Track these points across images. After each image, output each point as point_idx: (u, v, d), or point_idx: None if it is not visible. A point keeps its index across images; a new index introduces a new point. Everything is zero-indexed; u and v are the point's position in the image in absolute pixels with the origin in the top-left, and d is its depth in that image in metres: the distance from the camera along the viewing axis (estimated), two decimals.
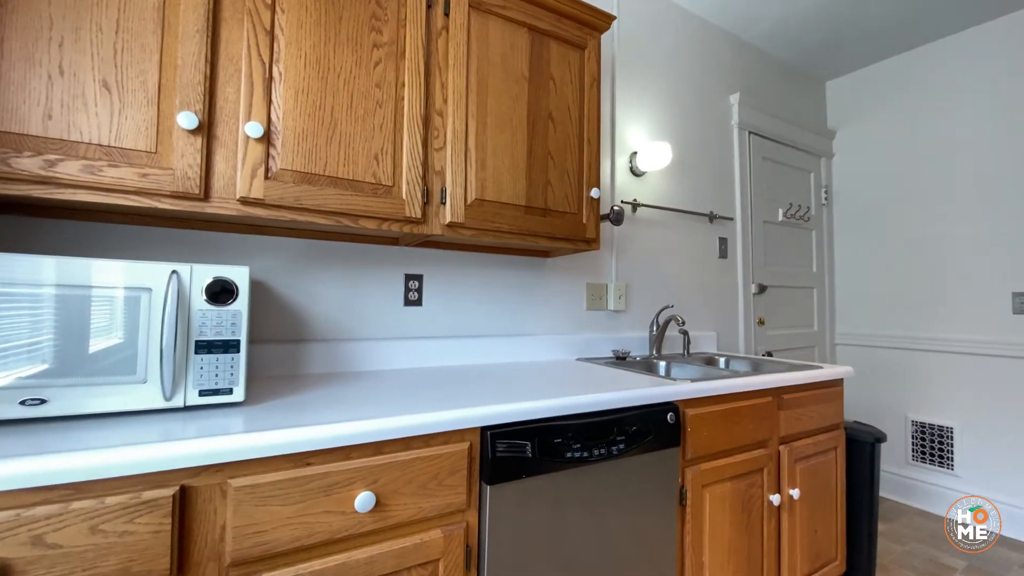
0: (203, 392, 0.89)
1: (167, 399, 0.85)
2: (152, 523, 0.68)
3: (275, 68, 1.07)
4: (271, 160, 1.06)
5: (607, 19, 1.61)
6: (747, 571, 1.44)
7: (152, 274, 0.86)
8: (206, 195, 1.00)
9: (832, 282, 3.10)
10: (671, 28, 2.36)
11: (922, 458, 2.64)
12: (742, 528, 1.42)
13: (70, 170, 0.88)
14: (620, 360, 1.87)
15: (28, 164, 0.85)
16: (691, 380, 1.36)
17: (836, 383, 1.75)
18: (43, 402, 0.77)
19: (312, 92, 1.11)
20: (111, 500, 0.67)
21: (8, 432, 0.73)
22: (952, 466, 2.52)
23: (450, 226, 1.30)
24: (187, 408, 0.91)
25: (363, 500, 0.83)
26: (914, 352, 2.71)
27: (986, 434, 2.42)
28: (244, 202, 1.03)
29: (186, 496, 0.72)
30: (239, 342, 0.93)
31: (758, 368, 1.79)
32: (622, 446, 1.15)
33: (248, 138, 1.03)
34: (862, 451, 1.80)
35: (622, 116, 2.14)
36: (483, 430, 0.99)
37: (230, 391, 0.92)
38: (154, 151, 0.94)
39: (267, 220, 1.12)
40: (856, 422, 1.91)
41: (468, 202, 1.32)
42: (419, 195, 1.24)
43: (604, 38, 2.05)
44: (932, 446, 2.61)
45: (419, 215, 1.24)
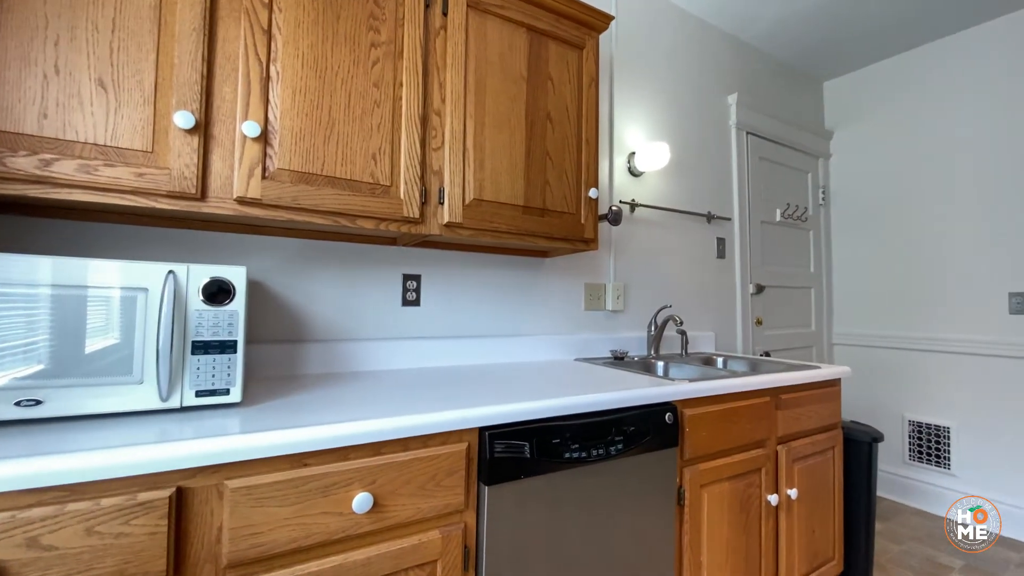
0: (200, 393, 0.89)
1: (163, 400, 0.85)
2: (148, 525, 0.68)
3: (272, 67, 1.07)
4: (268, 160, 1.06)
5: (605, 19, 1.61)
6: (745, 571, 1.44)
7: (148, 274, 0.85)
8: (203, 195, 0.99)
9: (830, 282, 3.11)
10: (669, 28, 2.36)
11: (919, 458, 2.65)
12: (740, 528, 1.43)
13: (66, 169, 0.87)
14: (618, 360, 1.87)
15: (23, 163, 0.85)
16: (689, 380, 1.36)
17: (834, 383, 1.75)
18: (38, 403, 0.77)
19: (310, 91, 1.11)
20: (107, 502, 0.66)
21: (3, 433, 0.73)
22: (949, 466, 2.53)
23: (448, 226, 1.30)
24: (184, 409, 0.90)
25: (361, 501, 0.83)
26: (911, 352, 2.72)
27: (983, 434, 2.43)
28: (241, 202, 1.03)
29: (182, 497, 0.72)
30: (236, 342, 0.92)
31: (756, 368, 1.80)
32: (620, 446, 1.15)
33: (245, 138, 1.02)
34: (859, 451, 1.80)
35: (620, 116, 2.14)
36: (481, 431, 0.99)
37: (227, 392, 0.91)
38: (150, 151, 0.94)
39: (264, 220, 1.12)
40: (853, 422, 1.91)
41: (466, 202, 1.32)
42: (417, 195, 1.24)
43: (602, 38, 2.05)
44: (929, 446, 2.62)
45: (417, 215, 1.24)
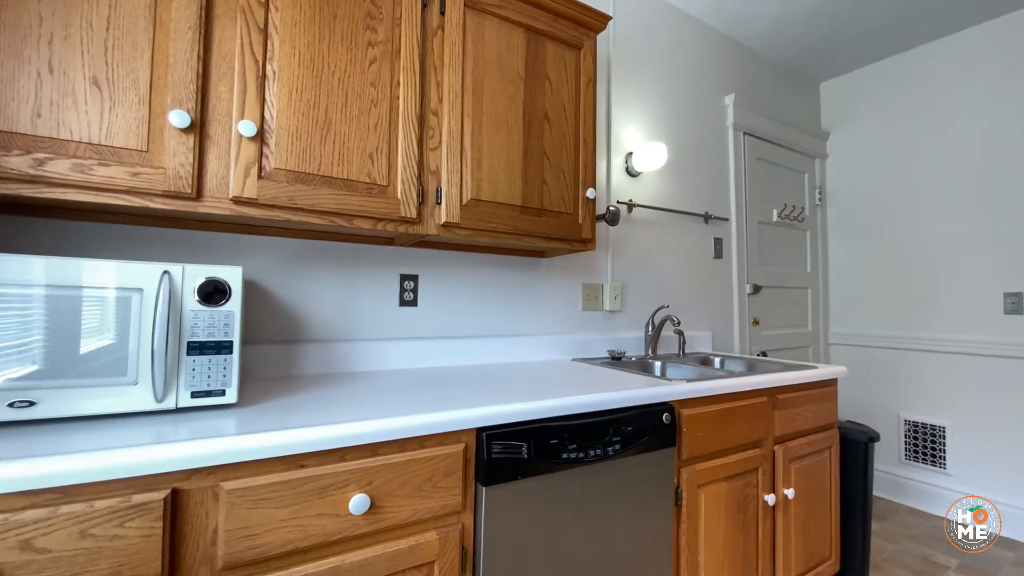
0: (195, 394, 0.88)
1: (158, 401, 0.84)
2: (143, 527, 0.68)
3: (269, 66, 1.06)
4: (264, 159, 1.05)
5: (603, 19, 1.61)
6: (742, 571, 1.44)
7: (143, 274, 0.85)
8: (198, 194, 0.99)
9: (826, 282, 3.12)
10: (667, 29, 2.36)
11: (915, 457, 2.66)
12: (737, 528, 1.43)
13: (60, 169, 0.87)
14: (616, 360, 1.87)
15: (17, 163, 0.84)
16: (686, 380, 1.36)
17: (830, 383, 1.76)
18: (32, 404, 0.76)
19: (306, 91, 1.10)
20: (101, 504, 0.66)
21: None
22: (944, 465, 2.54)
23: (445, 226, 1.30)
24: (179, 410, 0.89)
25: (357, 502, 0.82)
26: (907, 352, 2.73)
27: (978, 433, 2.44)
28: (237, 202, 1.02)
29: (177, 499, 0.71)
30: (232, 343, 0.92)
31: (753, 368, 1.80)
32: (618, 447, 1.15)
33: (241, 137, 1.02)
34: (856, 450, 1.81)
35: (618, 116, 2.14)
36: (479, 431, 0.98)
37: (223, 392, 0.91)
38: (145, 150, 0.93)
39: (261, 220, 1.11)
40: (850, 421, 1.92)
41: (464, 202, 1.32)
42: (414, 195, 1.23)
43: (600, 38, 2.05)
44: (925, 445, 2.63)
45: (414, 215, 1.23)
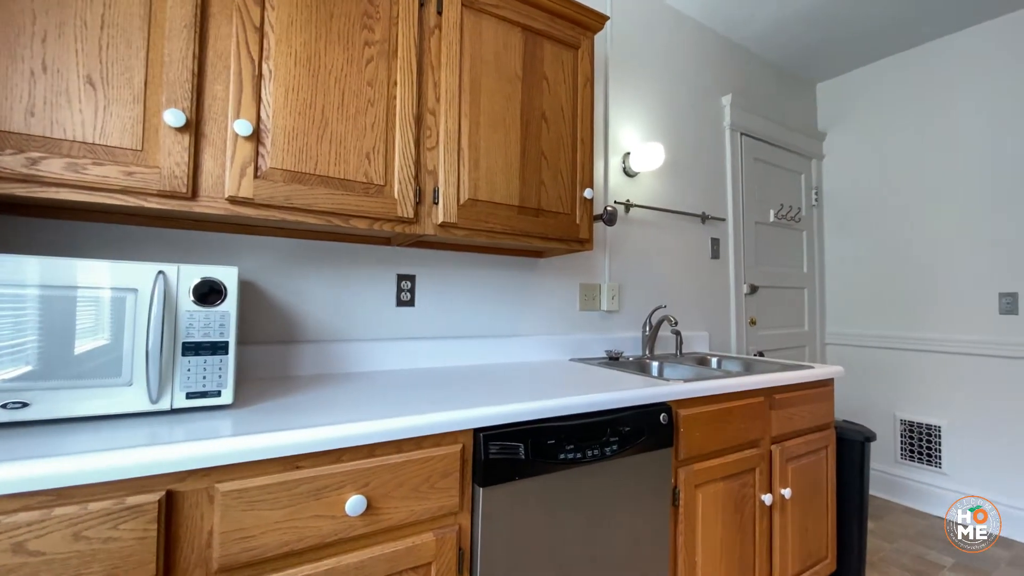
0: (190, 395, 0.88)
1: (153, 402, 0.84)
2: (137, 529, 0.67)
3: (265, 65, 1.06)
4: (260, 159, 1.04)
5: (600, 19, 1.61)
6: (739, 570, 1.44)
7: (138, 274, 0.84)
8: (194, 194, 0.98)
9: (822, 282, 3.13)
10: (664, 29, 2.36)
11: (910, 456, 2.67)
12: (734, 528, 1.43)
13: (53, 168, 0.86)
14: (613, 360, 1.87)
15: (10, 162, 0.83)
16: (684, 380, 1.36)
17: (827, 383, 1.76)
18: (25, 405, 0.76)
19: (303, 90, 1.09)
20: (94, 506, 0.65)
21: None
22: (940, 464, 2.55)
23: (443, 226, 1.30)
24: (174, 411, 0.89)
25: (354, 504, 0.82)
26: (903, 352, 2.74)
27: (973, 432, 2.45)
28: (233, 201, 1.02)
29: (172, 501, 0.71)
30: (227, 343, 0.91)
31: (750, 368, 1.80)
32: (615, 447, 1.15)
33: (237, 136, 1.01)
34: (852, 450, 1.82)
35: (615, 116, 2.14)
36: (476, 432, 0.98)
37: (218, 393, 0.90)
38: (140, 149, 0.93)
39: (257, 220, 1.11)
40: (846, 421, 1.93)
41: (461, 202, 1.31)
42: (411, 195, 1.23)
43: (597, 38, 2.05)
44: (920, 444, 2.64)
45: (411, 215, 1.23)
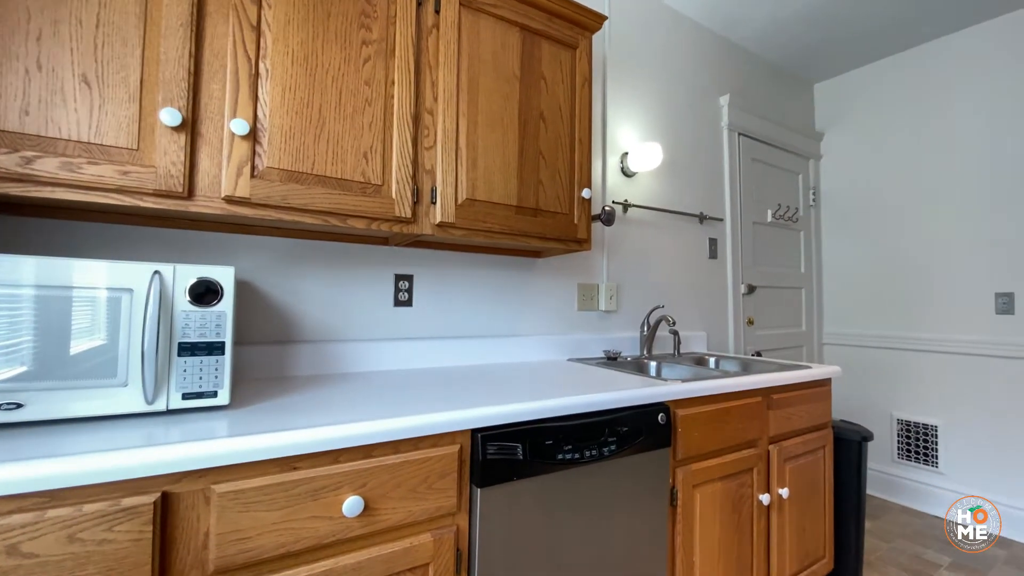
0: (186, 395, 0.87)
1: (149, 403, 0.83)
2: (132, 531, 0.66)
3: (262, 64, 1.05)
4: (257, 158, 1.04)
5: (598, 19, 1.60)
6: (737, 570, 1.44)
7: (133, 274, 0.84)
8: (190, 193, 0.98)
9: (820, 282, 3.14)
10: (662, 29, 2.36)
11: (907, 456, 2.68)
12: (732, 528, 1.43)
13: (48, 167, 0.85)
14: (611, 360, 1.87)
15: (4, 161, 0.82)
16: (682, 380, 1.36)
17: (824, 383, 1.76)
18: (19, 406, 0.75)
19: (300, 89, 1.09)
20: (89, 508, 0.65)
21: None
22: (936, 463, 2.56)
23: (440, 226, 1.29)
24: (170, 412, 0.88)
25: (351, 505, 0.82)
26: (900, 351, 2.74)
27: (970, 432, 2.46)
28: (229, 201, 1.01)
29: (168, 503, 0.70)
30: (224, 344, 0.91)
31: (748, 368, 1.80)
32: (613, 447, 1.15)
33: (234, 136, 1.00)
34: (849, 450, 1.82)
35: (613, 116, 2.14)
36: (473, 432, 0.98)
37: (215, 394, 0.90)
38: (136, 148, 0.92)
39: (253, 219, 1.10)
40: (843, 421, 1.93)
41: (459, 202, 1.31)
42: (409, 194, 1.22)
43: (595, 38, 2.05)
44: (917, 444, 2.65)
45: (409, 215, 1.23)
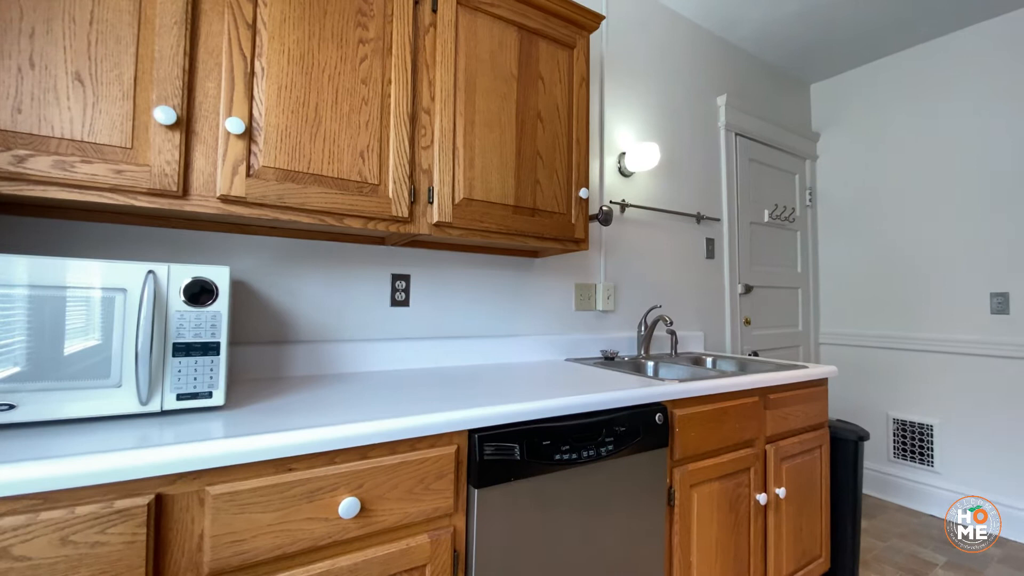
0: (181, 396, 0.87)
1: (143, 403, 0.83)
2: (126, 533, 0.66)
3: (257, 63, 1.04)
4: (253, 157, 1.03)
5: (596, 19, 1.60)
6: (734, 570, 1.44)
7: (127, 274, 0.83)
8: (185, 193, 0.97)
9: (816, 282, 3.14)
10: (659, 29, 2.36)
11: (903, 455, 2.69)
12: (729, 527, 1.43)
13: (41, 166, 0.84)
14: (609, 360, 1.87)
15: None
16: (679, 380, 1.36)
17: (821, 382, 1.77)
18: (11, 407, 0.74)
19: (296, 88, 1.08)
20: (82, 510, 0.64)
21: None
22: (932, 463, 2.57)
23: (438, 226, 1.29)
24: (164, 413, 0.88)
25: (347, 506, 0.81)
26: (896, 351, 2.75)
27: (965, 431, 2.47)
28: (225, 200, 1.01)
29: (162, 505, 0.70)
30: (219, 344, 0.90)
31: (745, 368, 1.81)
32: (611, 447, 1.15)
33: (229, 134, 1.00)
34: (846, 449, 1.82)
35: (611, 116, 2.14)
36: (471, 433, 0.98)
37: (209, 395, 0.89)
38: (129, 147, 0.91)
39: (249, 219, 1.10)
40: (840, 420, 1.93)
41: (456, 201, 1.31)
42: (406, 194, 1.22)
43: (593, 38, 2.05)
44: (913, 443, 2.66)
45: (406, 214, 1.22)
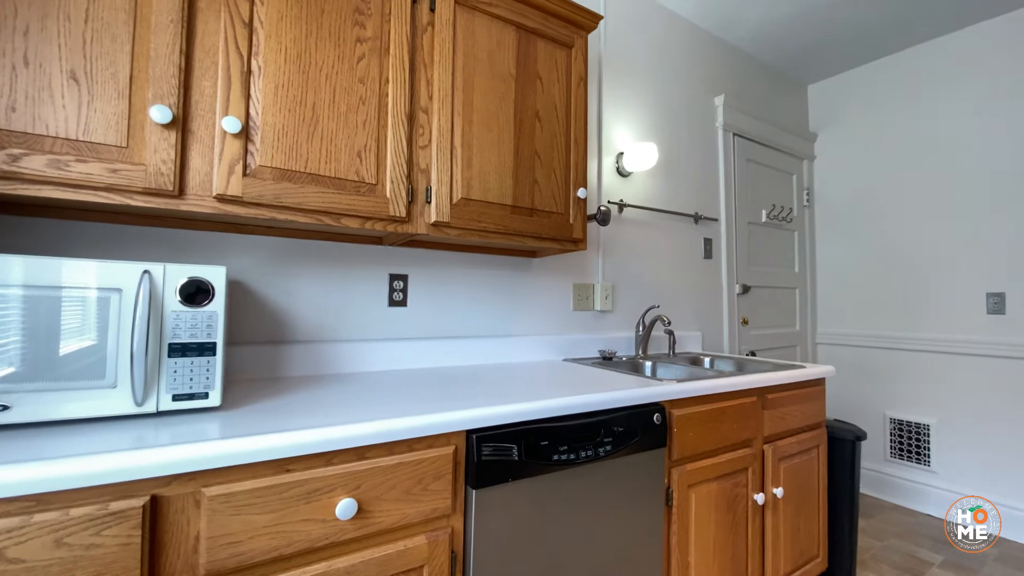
0: (177, 397, 0.86)
1: (138, 404, 0.82)
2: (120, 535, 0.65)
3: (254, 62, 1.04)
4: (249, 156, 1.03)
5: (594, 18, 1.60)
6: (732, 570, 1.44)
7: (122, 274, 0.82)
8: (181, 192, 0.96)
9: (814, 282, 3.15)
10: (657, 29, 2.36)
11: (899, 455, 2.70)
12: (727, 527, 1.43)
13: (35, 165, 0.84)
14: (607, 360, 1.87)
15: None
16: (677, 380, 1.36)
17: (818, 382, 1.77)
18: (5, 408, 0.74)
19: (293, 87, 1.08)
20: (77, 512, 0.63)
21: None
22: (928, 462, 2.58)
23: (435, 225, 1.28)
24: (160, 414, 0.87)
25: (344, 507, 0.81)
26: (893, 351, 2.76)
27: (961, 431, 2.48)
28: (221, 199, 1.00)
29: (157, 506, 0.69)
30: (215, 344, 0.90)
31: (742, 368, 1.81)
32: (609, 447, 1.15)
33: (225, 133, 0.99)
34: (843, 449, 1.83)
35: (609, 116, 2.14)
36: (468, 433, 0.97)
37: (206, 395, 0.89)
38: (125, 146, 0.90)
39: (245, 218, 1.09)
40: (837, 420, 1.94)
41: (454, 201, 1.30)
42: (404, 194, 1.22)
43: (591, 37, 2.04)
44: (910, 443, 2.66)
45: (404, 214, 1.22)
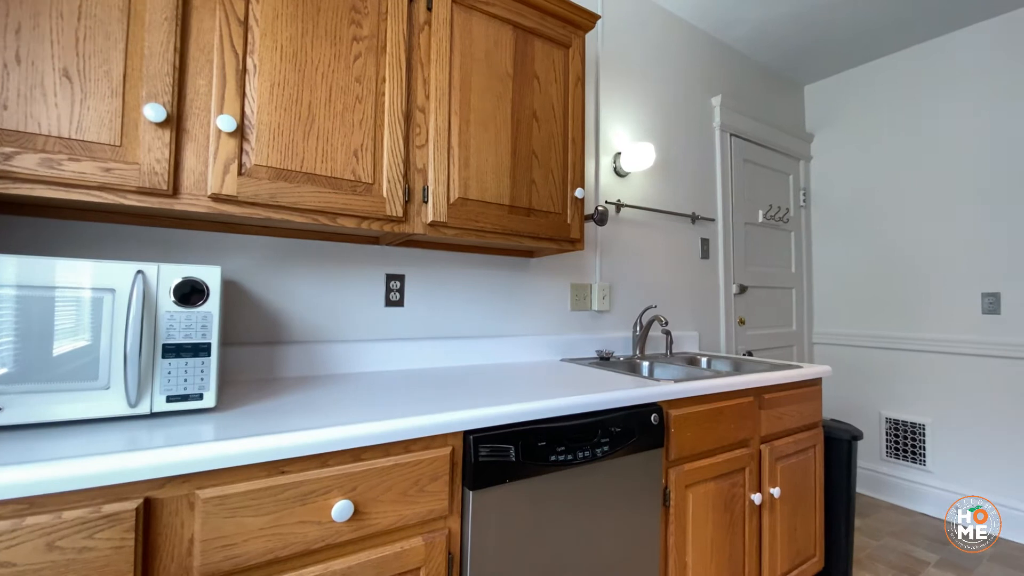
0: (171, 398, 0.85)
1: (132, 406, 0.81)
2: (113, 538, 0.65)
3: (249, 60, 1.03)
4: (245, 155, 1.02)
5: (592, 18, 1.60)
6: (729, 570, 1.44)
7: (116, 274, 0.81)
8: (175, 191, 0.95)
9: (810, 282, 3.16)
10: (655, 29, 2.36)
11: (895, 454, 2.71)
12: (724, 527, 1.43)
13: (27, 164, 0.83)
14: (604, 360, 1.87)
15: None
16: (674, 381, 1.36)
17: (815, 382, 1.77)
18: None
19: (288, 85, 1.07)
20: (69, 514, 0.63)
21: None
22: (924, 462, 2.59)
23: (432, 225, 1.28)
24: (154, 415, 0.86)
25: (340, 509, 0.80)
26: (889, 351, 2.77)
27: (957, 430, 2.49)
28: (216, 199, 0.99)
29: (150, 509, 0.68)
30: (210, 345, 0.89)
31: (739, 368, 1.81)
32: (606, 448, 1.15)
33: (220, 132, 0.98)
34: (840, 449, 1.83)
35: (606, 116, 2.14)
36: (466, 434, 0.97)
37: (200, 397, 0.88)
38: (118, 144, 0.90)
39: (241, 218, 1.08)
40: (833, 420, 1.94)
41: (451, 201, 1.30)
42: (400, 193, 1.21)
43: (588, 37, 2.04)
44: (905, 442, 2.67)
45: (400, 214, 1.21)
